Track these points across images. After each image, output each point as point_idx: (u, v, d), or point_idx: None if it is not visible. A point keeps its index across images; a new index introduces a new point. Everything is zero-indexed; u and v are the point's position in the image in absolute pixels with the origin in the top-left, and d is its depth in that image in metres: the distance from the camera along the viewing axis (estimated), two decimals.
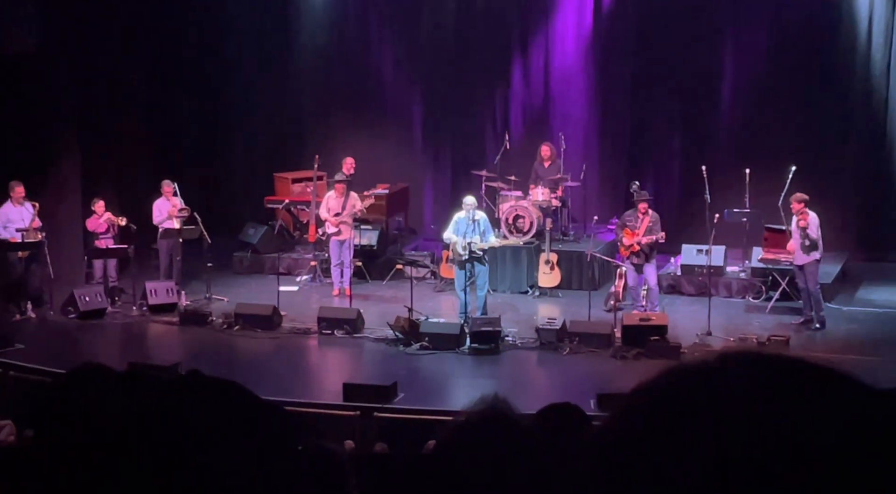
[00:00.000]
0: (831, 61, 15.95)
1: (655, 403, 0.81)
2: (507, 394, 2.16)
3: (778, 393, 0.78)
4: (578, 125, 16.85)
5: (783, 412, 0.76)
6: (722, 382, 0.80)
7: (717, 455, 0.75)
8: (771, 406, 0.77)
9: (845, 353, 12.01)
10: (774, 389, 0.78)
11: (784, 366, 0.81)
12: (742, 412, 0.77)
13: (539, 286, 14.51)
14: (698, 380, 0.81)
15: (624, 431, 0.80)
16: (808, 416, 0.76)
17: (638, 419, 0.80)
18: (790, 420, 0.75)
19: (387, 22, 17.52)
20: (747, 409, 0.77)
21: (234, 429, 1.09)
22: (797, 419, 0.76)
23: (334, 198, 14.47)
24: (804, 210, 12.53)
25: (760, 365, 0.81)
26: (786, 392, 0.78)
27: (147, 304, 13.57)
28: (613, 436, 0.81)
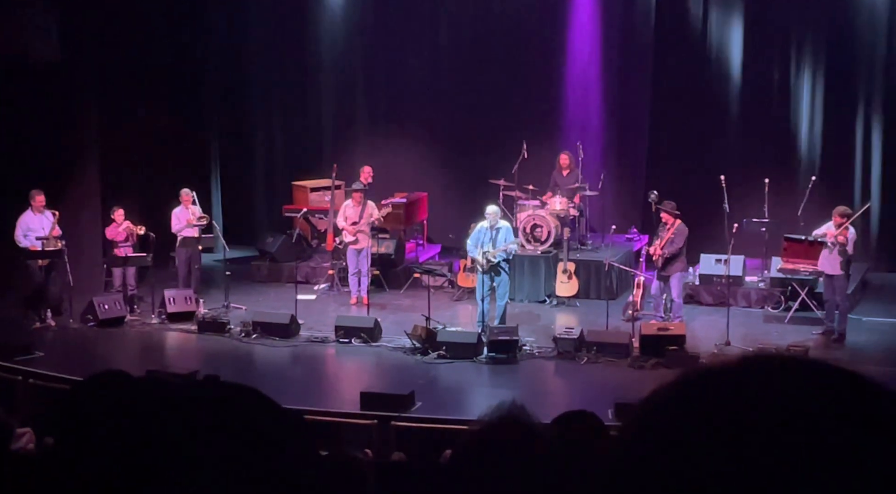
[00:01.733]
0: (852, 70, 15.88)
1: (675, 407, 0.80)
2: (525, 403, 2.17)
3: (801, 396, 0.77)
4: (596, 134, 16.83)
5: (806, 415, 0.75)
6: (742, 385, 0.79)
7: (738, 460, 0.74)
8: (793, 410, 0.76)
9: (865, 364, 11.92)
10: (797, 392, 0.77)
11: (807, 369, 0.80)
12: (763, 415, 0.76)
13: (557, 296, 14.48)
14: (718, 383, 0.80)
15: (643, 436, 0.80)
16: (832, 420, 0.75)
17: (657, 425, 0.79)
18: (813, 424, 0.75)
19: (405, 31, 17.56)
20: (769, 412, 0.76)
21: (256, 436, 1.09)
22: (820, 422, 0.75)
23: (352, 207, 14.49)
24: (846, 225, 12.40)
25: (783, 368, 0.80)
26: (809, 396, 0.77)
27: (166, 312, 13.61)
28: (632, 441, 0.80)
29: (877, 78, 15.82)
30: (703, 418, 0.77)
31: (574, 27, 16.95)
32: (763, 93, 16.24)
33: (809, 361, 0.81)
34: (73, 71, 14.44)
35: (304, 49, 18.05)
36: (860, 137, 15.94)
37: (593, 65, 16.92)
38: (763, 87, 16.23)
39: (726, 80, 16.38)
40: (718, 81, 16.40)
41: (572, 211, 15.22)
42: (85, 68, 14.67)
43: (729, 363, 0.82)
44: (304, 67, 18.10)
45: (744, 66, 16.30)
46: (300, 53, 18.07)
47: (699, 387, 0.80)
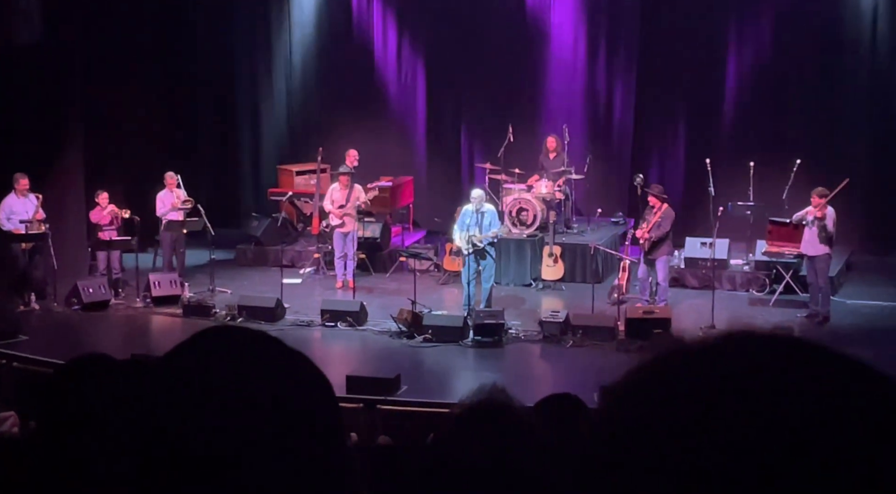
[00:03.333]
0: (837, 54, 15.92)
1: (653, 384, 0.80)
2: (510, 387, 2.16)
3: (778, 372, 0.77)
4: (582, 118, 16.83)
5: (782, 390, 0.76)
6: (720, 361, 0.79)
7: (716, 435, 0.74)
8: (769, 385, 0.76)
9: (850, 346, 11.96)
10: (774, 368, 0.78)
11: (785, 345, 0.80)
12: (739, 391, 0.76)
13: (543, 279, 14.51)
14: (697, 359, 0.80)
15: (622, 414, 0.80)
16: (808, 396, 0.75)
17: (635, 402, 0.79)
18: (788, 400, 0.75)
19: (392, 15, 17.50)
20: (745, 388, 0.76)
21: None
22: (796, 398, 0.75)
23: (338, 190, 14.47)
24: (825, 204, 12.49)
25: (761, 344, 0.81)
26: (788, 372, 0.77)
27: (150, 296, 13.58)
28: (611, 420, 0.80)
29: (862, 60, 15.86)
30: (683, 396, 0.77)
31: (560, 10, 16.92)
32: (748, 75, 16.26)
33: (790, 338, 0.82)
34: (56, 54, 14.34)
35: (289, 32, 17.98)
36: (845, 120, 15.99)
37: (579, 48, 16.91)
38: (748, 69, 16.25)
39: (712, 63, 16.39)
40: (704, 64, 16.41)
41: (558, 194, 15.23)
42: (69, 51, 14.58)
43: (709, 340, 0.82)
44: (290, 49, 18.03)
45: (729, 49, 16.31)
46: (286, 36, 18.00)
47: (678, 364, 0.81)
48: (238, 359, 1.14)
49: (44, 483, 1.59)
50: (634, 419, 0.78)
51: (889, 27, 15.64)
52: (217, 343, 1.13)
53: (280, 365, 1.12)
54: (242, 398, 1.09)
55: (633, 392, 0.80)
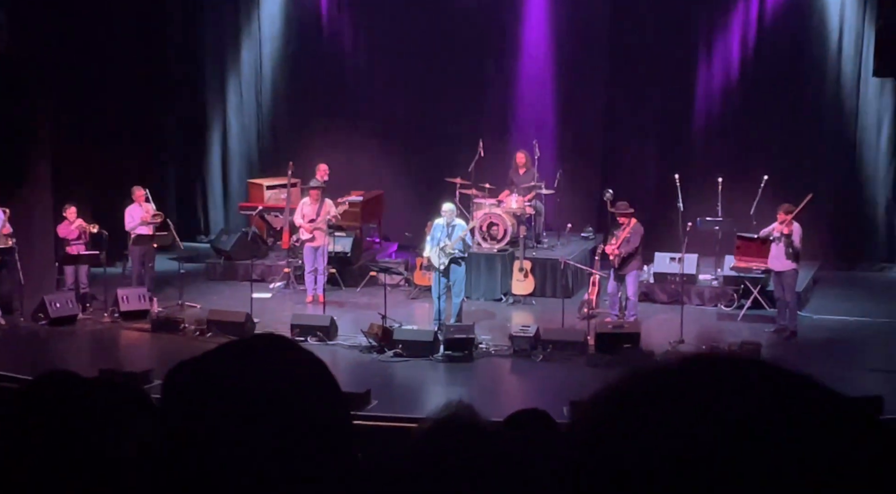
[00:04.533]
0: (803, 72, 16.11)
1: (617, 404, 0.82)
2: (480, 401, 2.15)
3: (739, 397, 0.79)
4: (553, 133, 16.91)
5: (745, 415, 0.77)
6: (678, 383, 0.81)
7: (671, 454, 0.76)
8: (724, 407, 0.78)
9: (817, 361, 12.09)
10: (729, 390, 0.79)
11: (748, 370, 0.82)
12: (695, 412, 0.78)
13: (513, 294, 14.54)
14: (658, 381, 0.82)
15: (587, 433, 0.81)
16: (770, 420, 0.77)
17: (600, 421, 0.81)
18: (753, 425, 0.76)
19: (362, 29, 17.53)
20: (700, 410, 0.78)
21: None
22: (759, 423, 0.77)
23: (308, 204, 14.45)
24: (790, 220, 12.62)
25: (718, 367, 0.82)
26: (748, 396, 0.79)
27: (119, 310, 13.48)
28: (577, 438, 0.81)
29: (828, 77, 16.06)
30: (642, 415, 0.79)
31: (529, 26, 17.02)
32: (717, 93, 16.41)
33: (752, 361, 0.83)
34: (24, 65, 14.24)
35: (259, 45, 17.96)
36: (812, 136, 16.17)
37: (549, 64, 17.01)
38: (717, 86, 16.40)
39: (681, 80, 16.53)
40: (673, 80, 16.54)
41: (528, 209, 15.28)
42: (37, 65, 14.48)
43: (671, 361, 0.84)
44: (258, 63, 18.01)
45: (698, 66, 16.46)
46: (256, 50, 17.98)
47: (640, 386, 0.82)
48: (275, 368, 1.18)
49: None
50: (599, 438, 0.80)
51: (854, 46, 15.85)
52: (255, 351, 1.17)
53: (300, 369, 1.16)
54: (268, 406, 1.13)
55: (599, 411, 0.82)
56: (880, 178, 16.04)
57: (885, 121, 15.93)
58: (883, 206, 16.08)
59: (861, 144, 16.09)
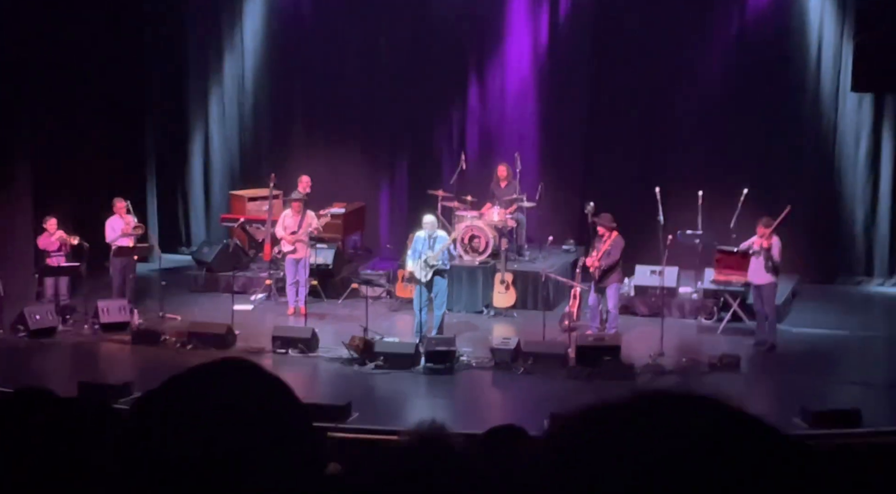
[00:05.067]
0: (783, 86, 16.23)
1: (571, 438, 0.84)
2: (461, 414, 2.13)
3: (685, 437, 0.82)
4: (534, 146, 16.97)
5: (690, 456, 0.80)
6: (629, 420, 0.84)
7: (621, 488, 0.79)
8: (677, 450, 0.81)
9: (795, 374, 12.17)
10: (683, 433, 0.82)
11: (698, 408, 0.85)
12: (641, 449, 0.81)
13: (494, 306, 14.57)
14: (609, 418, 0.85)
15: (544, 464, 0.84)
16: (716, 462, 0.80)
17: (555, 454, 0.84)
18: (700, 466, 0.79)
19: (343, 42, 17.56)
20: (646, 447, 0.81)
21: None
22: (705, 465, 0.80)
23: (290, 216, 14.45)
24: (770, 234, 12.70)
25: (675, 407, 0.85)
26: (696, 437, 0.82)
27: (99, 322, 13.43)
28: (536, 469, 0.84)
29: (807, 92, 16.19)
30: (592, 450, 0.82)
31: (511, 39, 17.09)
32: (697, 106, 16.51)
33: (701, 400, 0.86)
34: (3, 78, 14.20)
35: (242, 58, 17.96)
36: (791, 151, 16.29)
37: (531, 77, 17.08)
38: (697, 100, 16.50)
39: (661, 93, 16.63)
40: (654, 93, 16.64)
41: (510, 222, 15.33)
42: (16, 76, 14.43)
43: (624, 397, 0.87)
44: (241, 75, 18.02)
45: (678, 78, 16.56)
46: (239, 62, 17.98)
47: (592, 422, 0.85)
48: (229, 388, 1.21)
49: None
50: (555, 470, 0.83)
51: (833, 61, 15.98)
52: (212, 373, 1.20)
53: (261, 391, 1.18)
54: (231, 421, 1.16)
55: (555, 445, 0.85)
56: (858, 192, 16.17)
57: (863, 135, 16.06)
58: (861, 220, 16.21)
59: (840, 159, 16.21)
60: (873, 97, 15.71)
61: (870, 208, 16.16)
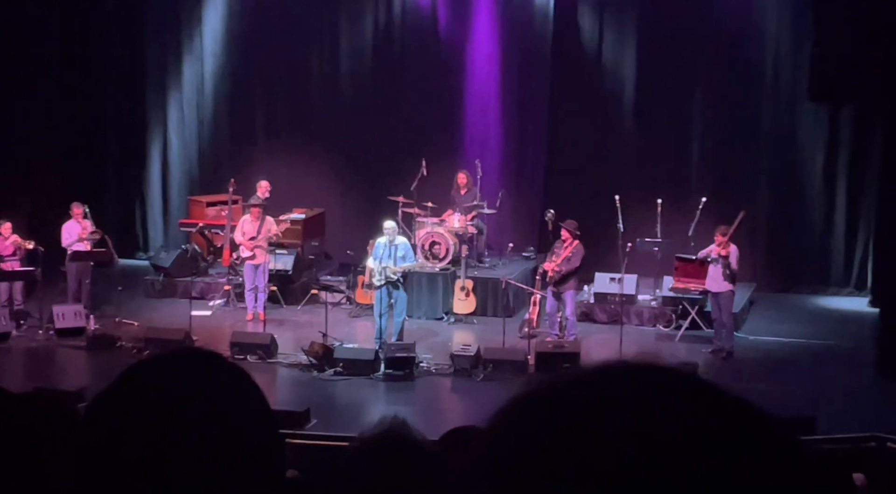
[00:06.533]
0: (740, 95, 16.39)
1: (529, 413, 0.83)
2: (421, 420, 2.13)
3: (644, 399, 0.81)
4: (495, 153, 17.01)
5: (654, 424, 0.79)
6: (588, 391, 0.83)
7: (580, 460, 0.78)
8: (634, 411, 0.80)
9: (753, 381, 12.27)
10: (638, 399, 0.81)
11: (659, 378, 0.84)
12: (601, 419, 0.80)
13: (454, 313, 14.56)
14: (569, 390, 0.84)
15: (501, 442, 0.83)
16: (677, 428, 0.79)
17: (512, 430, 0.83)
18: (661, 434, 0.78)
19: (304, 46, 17.50)
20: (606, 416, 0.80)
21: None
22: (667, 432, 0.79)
23: (249, 222, 14.36)
24: (727, 242, 12.82)
25: (628, 375, 0.84)
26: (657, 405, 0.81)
27: (54, 328, 13.26)
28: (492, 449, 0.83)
29: (765, 102, 16.36)
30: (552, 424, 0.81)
31: (473, 46, 17.12)
32: (656, 115, 16.64)
33: (662, 369, 0.85)
34: None
35: (201, 62, 17.84)
36: (748, 160, 16.45)
37: (492, 84, 17.12)
38: (656, 109, 16.63)
39: (621, 101, 16.74)
40: (613, 101, 16.75)
41: (470, 229, 15.34)
42: None
43: (585, 370, 0.86)
44: (200, 80, 17.89)
45: (637, 87, 16.68)
46: (197, 66, 17.86)
47: (551, 394, 0.84)
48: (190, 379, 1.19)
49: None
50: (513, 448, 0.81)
51: (790, 69, 16.15)
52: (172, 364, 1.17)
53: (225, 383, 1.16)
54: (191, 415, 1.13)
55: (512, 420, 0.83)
56: (815, 202, 16.35)
57: (819, 144, 16.25)
58: (818, 230, 16.39)
59: (797, 168, 16.39)
60: (830, 107, 15.91)
61: (826, 218, 16.35)
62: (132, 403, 1.12)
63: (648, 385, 0.83)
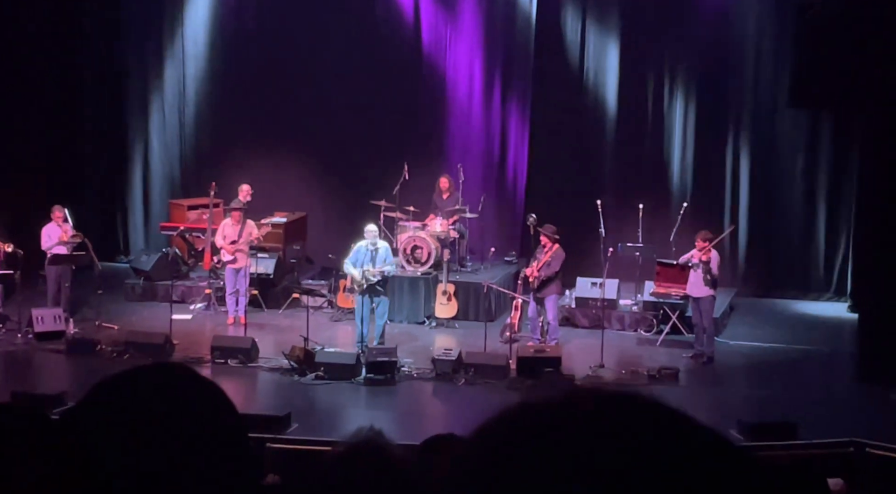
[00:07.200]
0: (722, 100, 16.46)
1: (498, 438, 0.83)
2: (402, 425, 2.11)
3: (609, 429, 0.81)
4: (477, 157, 17.02)
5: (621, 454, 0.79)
6: (558, 418, 0.83)
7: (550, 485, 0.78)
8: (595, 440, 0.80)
9: (732, 386, 12.33)
10: (604, 424, 0.82)
11: (617, 404, 0.84)
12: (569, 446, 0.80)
13: (436, 317, 14.56)
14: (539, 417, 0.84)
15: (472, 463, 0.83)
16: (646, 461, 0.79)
17: (483, 452, 0.83)
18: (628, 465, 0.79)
19: (286, 50, 17.47)
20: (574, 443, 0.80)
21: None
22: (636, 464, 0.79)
23: (230, 225, 14.32)
24: (709, 247, 12.87)
25: (597, 402, 0.85)
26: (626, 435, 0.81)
27: (33, 331, 13.17)
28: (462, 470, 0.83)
29: (745, 108, 16.43)
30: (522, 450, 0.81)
31: (456, 50, 17.14)
32: (638, 120, 16.69)
33: (632, 398, 0.86)
34: None
35: (182, 64, 17.78)
36: (729, 165, 16.52)
37: (475, 89, 17.14)
38: (638, 114, 16.68)
39: (603, 107, 16.78)
40: (595, 107, 16.79)
41: (452, 233, 15.34)
42: None
43: (554, 397, 0.86)
44: (182, 83, 17.83)
45: (619, 93, 16.73)
46: (179, 69, 17.80)
47: (521, 420, 0.84)
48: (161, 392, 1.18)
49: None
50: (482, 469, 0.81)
51: (771, 75, 16.23)
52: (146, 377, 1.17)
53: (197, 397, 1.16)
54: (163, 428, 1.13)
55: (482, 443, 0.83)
56: (795, 206, 16.43)
57: (800, 150, 16.34)
58: (798, 236, 16.47)
59: (777, 175, 16.47)
60: (809, 113, 15.99)
61: (806, 224, 16.42)
62: (104, 417, 1.11)
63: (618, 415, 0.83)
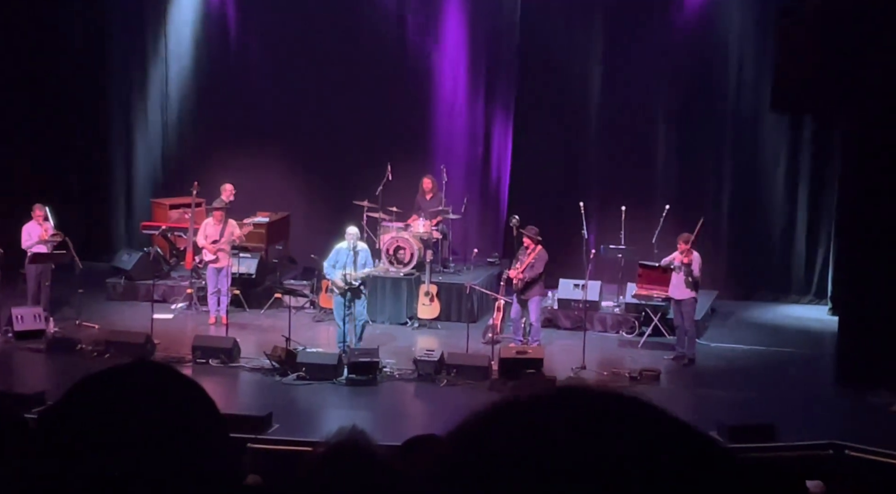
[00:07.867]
0: (704, 103, 16.52)
1: (483, 435, 0.84)
2: (383, 425, 2.11)
3: (590, 425, 0.82)
4: (461, 158, 17.03)
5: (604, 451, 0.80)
6: (543, 414, 0.83)
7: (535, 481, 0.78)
8: (590, 445, 0.80)
9: (713, 388, 12.38)
10: (589, 422, 0.82)
11: (603, 402, 0.85)
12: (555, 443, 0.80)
13: (418, 318, 14.55)
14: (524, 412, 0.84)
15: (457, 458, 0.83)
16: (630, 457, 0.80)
17: (469, 448, 0.83)
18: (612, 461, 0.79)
19: (269, 50, 17.43)
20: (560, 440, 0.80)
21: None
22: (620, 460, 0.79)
23: (212, 225, 14.27)
24: (690, 250, 12.92)
25: (583, 400, 0.85)
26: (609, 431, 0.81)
27: (13, 330, 13.09)
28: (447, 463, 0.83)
29: (727, 111, 16.50)
30: (507, 445, 0.81)
31: (440, 51, 17.14)
32: (621, 123, 16.72)
33: (618, 397, 0.86)
34: None
35: (165, 64, 17.72)
36: (711, 169, 16.58)
37: (459, 90, 17.15)
38: (621, 117, 16.72)
39: (586, 109, 16.81)
40: (579, 109, 16.81)
41: (435, 234, 15.34)
42: None
43: (541, 393, 0.86)
44: (165, 82, 17.76)
45: (603, 95, 16.76)
46: (162, 68, 17.73)
47: (507, 416, 0.84)
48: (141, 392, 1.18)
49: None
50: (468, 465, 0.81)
51: (753, 78, 16.30)
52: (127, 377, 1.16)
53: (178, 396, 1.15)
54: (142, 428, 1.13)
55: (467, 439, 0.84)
56: (776, 210, 16.51)
57: (781, 154, 16.41)
58: (779, 239, 16.54)
59: (759, 177, 16.54)
60: (791, 117, 16.07)
61: (787, 227, 16.50)
62: (83, 416, 1.10)
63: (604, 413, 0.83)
